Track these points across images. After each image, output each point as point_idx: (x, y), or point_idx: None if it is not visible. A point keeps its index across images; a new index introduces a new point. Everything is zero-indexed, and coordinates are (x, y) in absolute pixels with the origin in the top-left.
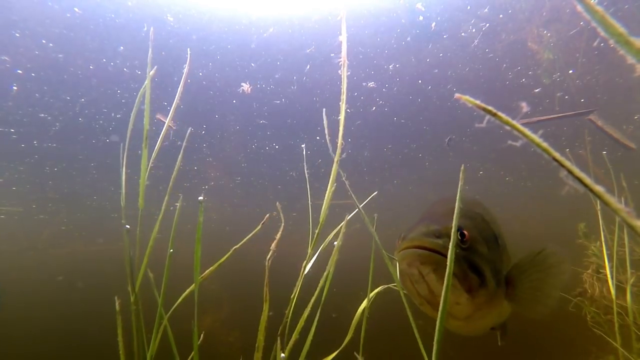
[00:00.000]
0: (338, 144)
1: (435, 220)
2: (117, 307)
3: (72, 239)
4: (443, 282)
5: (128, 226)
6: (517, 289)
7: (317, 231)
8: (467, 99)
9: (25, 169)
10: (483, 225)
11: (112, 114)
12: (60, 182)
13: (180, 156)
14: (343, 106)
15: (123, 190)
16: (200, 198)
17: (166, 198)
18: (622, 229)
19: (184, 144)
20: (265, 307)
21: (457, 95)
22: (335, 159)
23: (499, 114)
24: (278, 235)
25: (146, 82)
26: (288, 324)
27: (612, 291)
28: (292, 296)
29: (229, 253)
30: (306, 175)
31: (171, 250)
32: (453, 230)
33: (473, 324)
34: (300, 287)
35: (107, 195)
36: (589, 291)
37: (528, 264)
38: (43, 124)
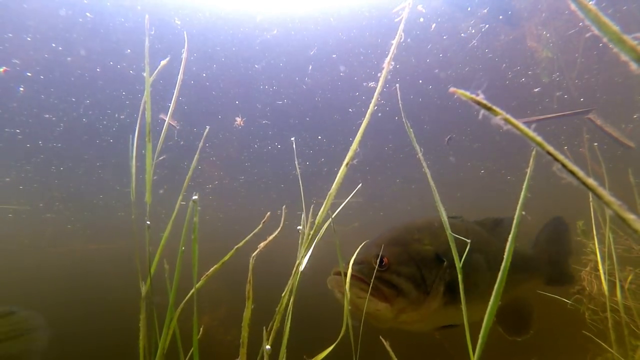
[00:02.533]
0: (352, 148)
1: (364, 251)
2: (143, 292)
3: (77, 238)
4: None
5: (149, 222)
6: (456, 293)
7: (311, 232)
8: (462, 92)
9: (32, 169)
10: (418, 249)
11: (116, 115)
12: (66, 182)
13: (196, 156)
14: (372, 106)
15: (133, 185)
16: (195, 197)
17: (180, 196)
18: (612, 224)
19: (201, 143)
20: (248, 304)
21: (451, 89)
22: (345, 162)
23: (494, 107)
24: (270, 237)
25: (146, 76)
26: (276, 320)
27: (605, 287)
28: (283, 294)
29: (230, 252)
30: (298, 170)
31: (183, 248)
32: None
33: (409, 324)
34: (295, 286)
35: (113, 194)
36: (587, 289)
37: (455, 271)
38: (48, 125)
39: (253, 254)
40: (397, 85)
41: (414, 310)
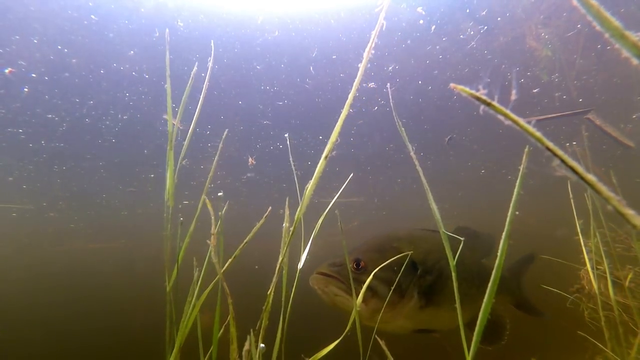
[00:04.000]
0: (331, 140)
1: (344, 254)
2: (168, 287)
3: (80, 237)
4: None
5: (182, 218)
6: (430, 298)
7: (292, 228)
8: (462, 88)
9: (34, 168)
10: (395, 255)
11: (119, 116)
12: (68, 181)
13: (216, 158)
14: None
15: (167, 187)
16: (220, 194)
17: (203, 196)
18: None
19: (220, 144)
20: (229, 299)
21: (452, 85)
22: (324, 155)
23: (493, 103)
24: (213, 229)
25: (172, 88)
26: (264, 318)
27: (594, 284)
28: (268, 292)
29: (240, 246)
30: (293, 168)
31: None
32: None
33: (386, 323)
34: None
35: (116, 193)
36: (586, 287)
37: (430, 278)
38: (51, 125)
39: (210, 248)
40: (388, 84)
41: (388, 312)
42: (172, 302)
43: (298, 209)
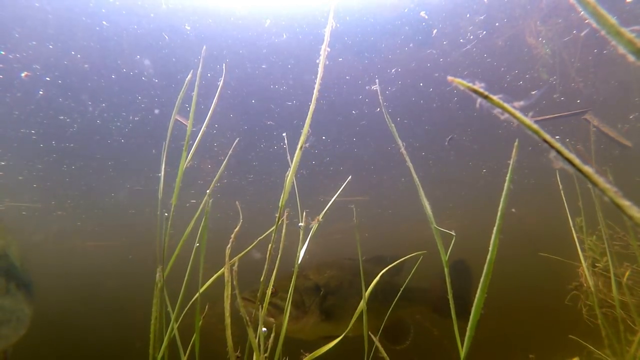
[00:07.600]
0: (304, 132)
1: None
2: (157, 282)
3: (85, 235)
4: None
5: (167, 214)
6: (329, 313)
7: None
8: (459, 81)
9: (43, 167)
10: (302, 281)
11: (130, 117)
12: (77, 180)
13: (224, 164)
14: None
15: (161, 185)
16: (208, 191)
17: (207, 196)
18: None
19: (230, 152)
20: (227, 286)
21: (449, 78)
22: (299, 145)
23: (491, 96)
24: (237, 228)
25: (194, 92)
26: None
27: (589, 278)
28: (261, 279)
29: (253, 243)
30: (290, 165)
31: (197, 245)
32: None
33: (296, 333)
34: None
35: (124, 192)
36: (585, 285)
37: (330, 298)
38: (62, 125)
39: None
40: (377, 84)
41: (294, 324)
42: (161, 299)
43: (281, 197)
